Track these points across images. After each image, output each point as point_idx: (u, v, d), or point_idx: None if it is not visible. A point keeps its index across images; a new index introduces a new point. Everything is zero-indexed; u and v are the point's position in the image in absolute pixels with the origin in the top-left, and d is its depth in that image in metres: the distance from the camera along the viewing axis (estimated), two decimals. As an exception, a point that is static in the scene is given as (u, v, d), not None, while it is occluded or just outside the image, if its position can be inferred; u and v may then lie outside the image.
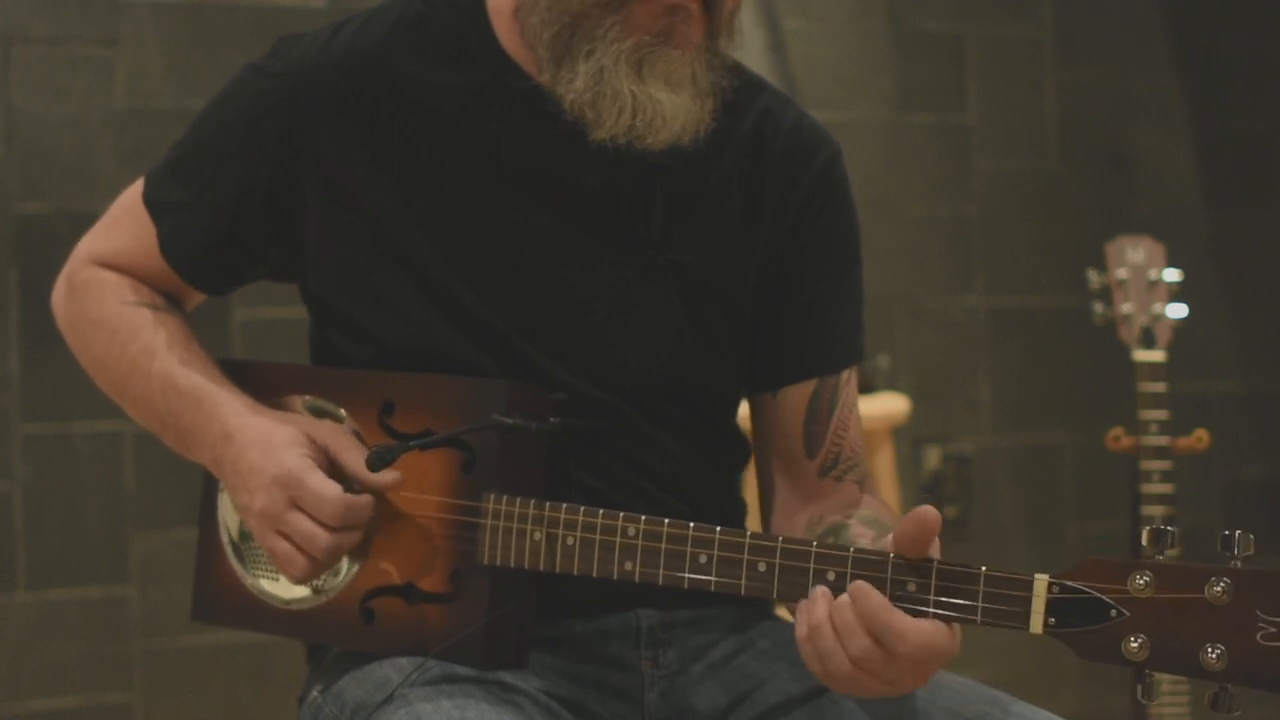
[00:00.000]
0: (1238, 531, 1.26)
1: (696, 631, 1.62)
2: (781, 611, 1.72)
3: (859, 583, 1.34)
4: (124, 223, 1.71)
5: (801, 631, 1.36)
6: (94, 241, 1.73)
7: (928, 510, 1.32)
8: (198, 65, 3.22)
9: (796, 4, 3.62)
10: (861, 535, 1.54)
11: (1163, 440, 2.44)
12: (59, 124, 3.17)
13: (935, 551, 1.35)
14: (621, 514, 1.46)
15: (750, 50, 3.35)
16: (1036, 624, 1.30)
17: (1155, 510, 2.41)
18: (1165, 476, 2.43)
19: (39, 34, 3.16)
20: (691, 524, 1.43)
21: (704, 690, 1.60)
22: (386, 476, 1.52)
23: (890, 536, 1.36)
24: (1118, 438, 2.46)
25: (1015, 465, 3.79)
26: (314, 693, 1.59)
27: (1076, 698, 3.76)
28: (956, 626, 1.34)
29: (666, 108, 1.53)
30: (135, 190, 1.71)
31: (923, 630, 1.32)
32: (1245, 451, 3.93)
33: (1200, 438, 2.46)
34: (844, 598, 1.34)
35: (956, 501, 3.72)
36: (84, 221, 1.77)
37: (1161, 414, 2.44)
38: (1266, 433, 3.97)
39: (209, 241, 1.66)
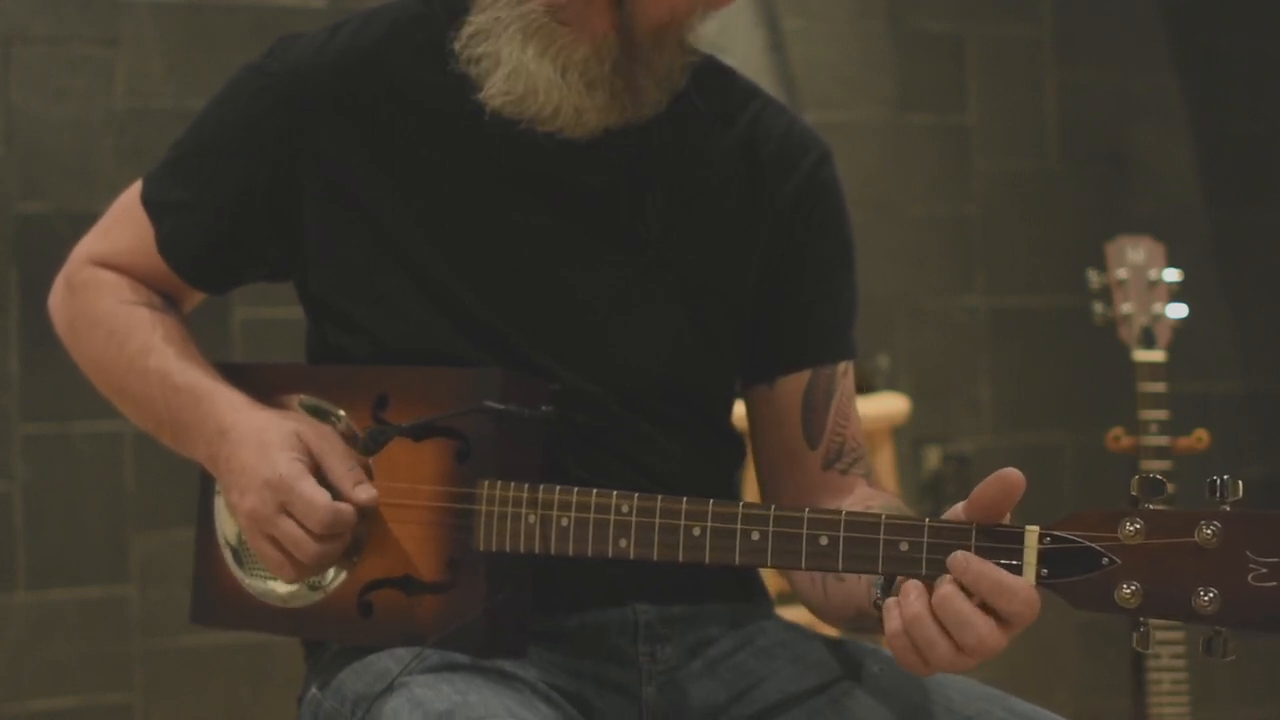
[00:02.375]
0: (1226, 477, 1.26)
1: (694, 627, 1.62)
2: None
3: (957, 552, 1.31)
4: (123, 224, 1.70)
5: (894, 626, 1.32)
6: (92, 243, 1.73)
7: (1013, 471, 1.30)
8: (198, 65, 3.22)
9: (796, 4, 3.63)
10: None
11: (1163, 440, 2.44)
12: (59, 124, 3.17)
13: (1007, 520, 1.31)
14: (615, 492, 1.46)
15: (750, 50, 3.36)
16: (1030, 575, 1.29)
17: (1155, 510, 2.40)
18: (1165, 476, 2.43)
19: (39, 34, 3.17)
20: (685, 499, 1.43)
21: (702, 686, 1.60)
22: (364, 495, 1.52)
23: (960, 504, 1.34)
24: (1118, 438, 2.46)
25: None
26: (313, 690, 1.59)
27: (1074, 696, 3.76)
28: None
29: (540, 83, 1.52)
30: (134, 192, 1.71)
31: (1027, 583, 1.29)
32: (1245, 451, 3.92)
33: (1200, 438, 2.46)
34: (944, 587, 1.30)
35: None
36: (84, 221, 1.77)
37: (1161, 414, 2.44)
38: (1266, 433, 3.97)
39: (209, 241, 1.66)
